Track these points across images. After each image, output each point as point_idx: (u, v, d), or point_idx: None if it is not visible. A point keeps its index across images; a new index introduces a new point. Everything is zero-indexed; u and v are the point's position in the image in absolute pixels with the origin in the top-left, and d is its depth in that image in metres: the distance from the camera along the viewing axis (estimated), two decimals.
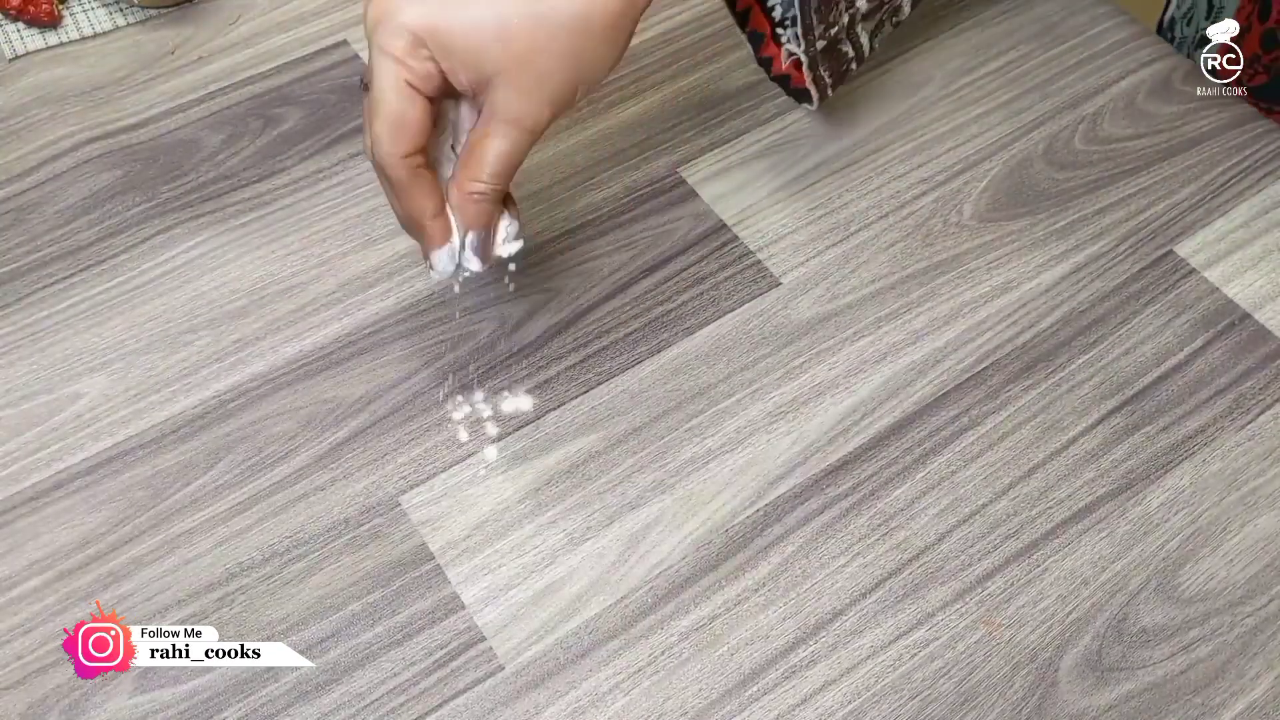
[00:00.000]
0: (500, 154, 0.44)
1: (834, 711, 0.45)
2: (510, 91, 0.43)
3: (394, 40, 0.41)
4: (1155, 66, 0.66)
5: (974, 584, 0.49)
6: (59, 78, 0.65)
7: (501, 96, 0.43)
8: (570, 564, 0.49)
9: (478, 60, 0.42)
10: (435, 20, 0.41)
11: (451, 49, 0.42)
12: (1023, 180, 0.61)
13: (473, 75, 0.42)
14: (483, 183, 0.44)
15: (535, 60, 0.43)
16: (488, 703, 0.45)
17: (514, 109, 0.43)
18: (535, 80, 0.43)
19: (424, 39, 0.42)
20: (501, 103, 0.43)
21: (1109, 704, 0.46)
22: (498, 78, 0.42)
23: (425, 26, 0.41)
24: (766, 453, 0.52)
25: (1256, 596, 0.48)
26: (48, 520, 0.49)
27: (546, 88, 0.43)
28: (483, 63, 0.42)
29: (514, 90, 0.43)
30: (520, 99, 0.43)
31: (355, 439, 0.52)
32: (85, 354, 0.54)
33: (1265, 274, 0.58)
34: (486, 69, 0.42)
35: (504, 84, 0.43)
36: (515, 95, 0.43)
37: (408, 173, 0.43)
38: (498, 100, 0.43)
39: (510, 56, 0.42)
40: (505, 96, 0.43)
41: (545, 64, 0.43)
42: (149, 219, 0.59)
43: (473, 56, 0.42)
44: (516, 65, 0.42)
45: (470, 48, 0.42)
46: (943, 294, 0.57)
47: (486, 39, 0.42)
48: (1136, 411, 0.53)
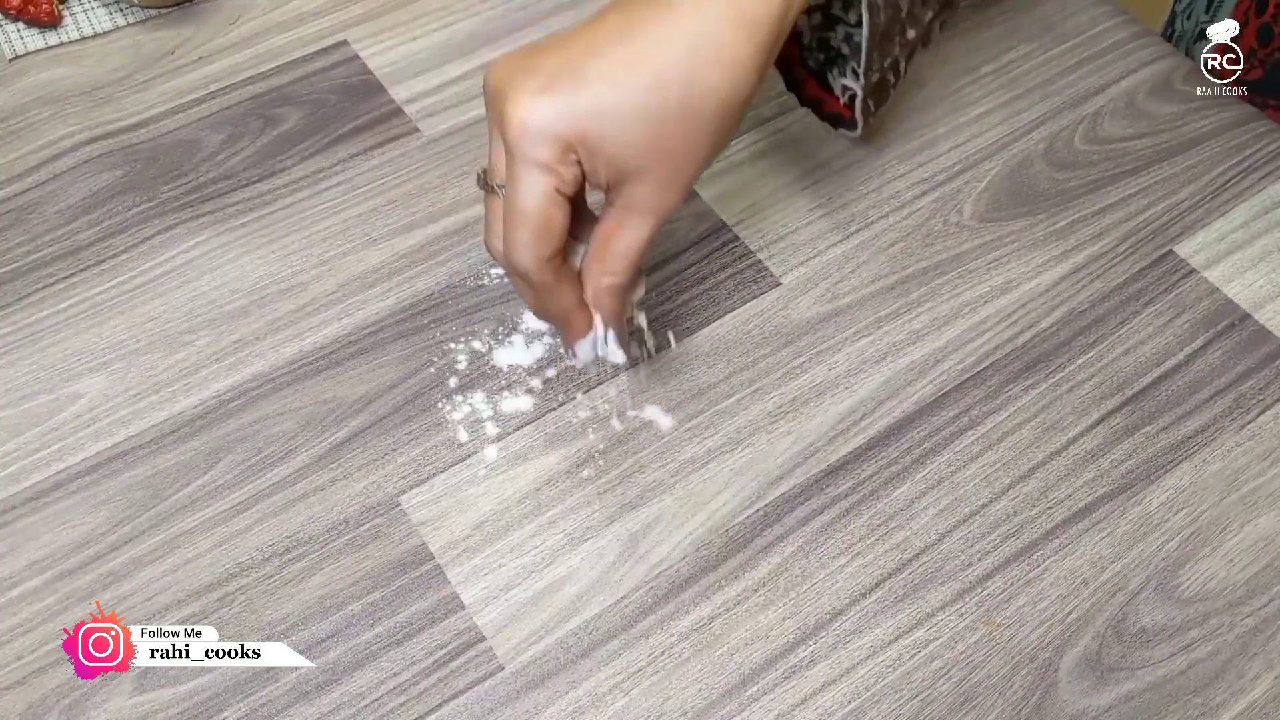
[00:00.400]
0: (638, 245, 0.43)
1: (834, 711, 0.46)
2: (653, 186, 0.42)
3: (543, 149, 0.40)
4: (1155, 66, 0.66)
5: (974, 584, 0.49)
6: (59, 78, 0.65)
7: (642, 190, 0.42)
8: (570, 564, 0.49)
9: (624, 160, 0.41)
10: (586, 127, 0.40)
11: (601, 152, 0.41)
12: (1023, 180, 0.61)
13: (615, 173, 0.42)
14: (620, 275, 0.44)
15: (683, 154, 0.42)
16: (488, 703, 0.45)
17: (654, 201, 0.42)
18: (679, 172, 0.42)
19: (574, 145, 0.41)
20: (641, 196, 0.42)
21: (1109, 704, 0.46)
22: (642, 173, 0.42)
23: (576, 133, 0.40)
24: (766, 453, 0.52)
25: (1256, 596, 0.48)
26: (48, 520, 0.49)
27: (686, 176, 0.43)
28: (629, 161, 0.41)
29: (657, 184, 0.42)
30: (661, 192, 0.42)
31: (355, 439, 0.52)
32: (85, 354, 0.54)
33: (1265, 274, 0.58)
34: (631, 166, 0.41)
35: (647, 179, 0.42)
36: (657, 189, 0.42)
37: (553, 275, 0.43)
38: (637, 194, 0.42)
39: (660, 155, 0.41)
40: (646, 191, 0.42)
41: (692, 156, 0.42)
42: (149, 219, 0.59)
43: (621, 158, 0.41)
44: (664, 161, 0.42)
45: (620, 152, 0.41)
46: (943, 294, 0.57)
47: (639, 141, 0.41)
48: (1136, 411, 0.53)
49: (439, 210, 0.60)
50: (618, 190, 0.42)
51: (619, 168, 0.41)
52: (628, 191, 0.42)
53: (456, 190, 0.60)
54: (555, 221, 0.41)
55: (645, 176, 0.42)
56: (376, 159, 0.62)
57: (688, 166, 0.42)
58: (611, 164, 0.41)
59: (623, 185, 0.42)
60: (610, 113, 0.40)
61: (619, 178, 0.42)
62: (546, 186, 0.41)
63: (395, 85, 0.65)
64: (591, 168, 0.41)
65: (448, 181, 0.61)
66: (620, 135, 0.40)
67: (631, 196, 0.42)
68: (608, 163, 0.41)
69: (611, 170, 0.41)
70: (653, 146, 0.41)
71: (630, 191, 0.42)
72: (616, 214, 0.43)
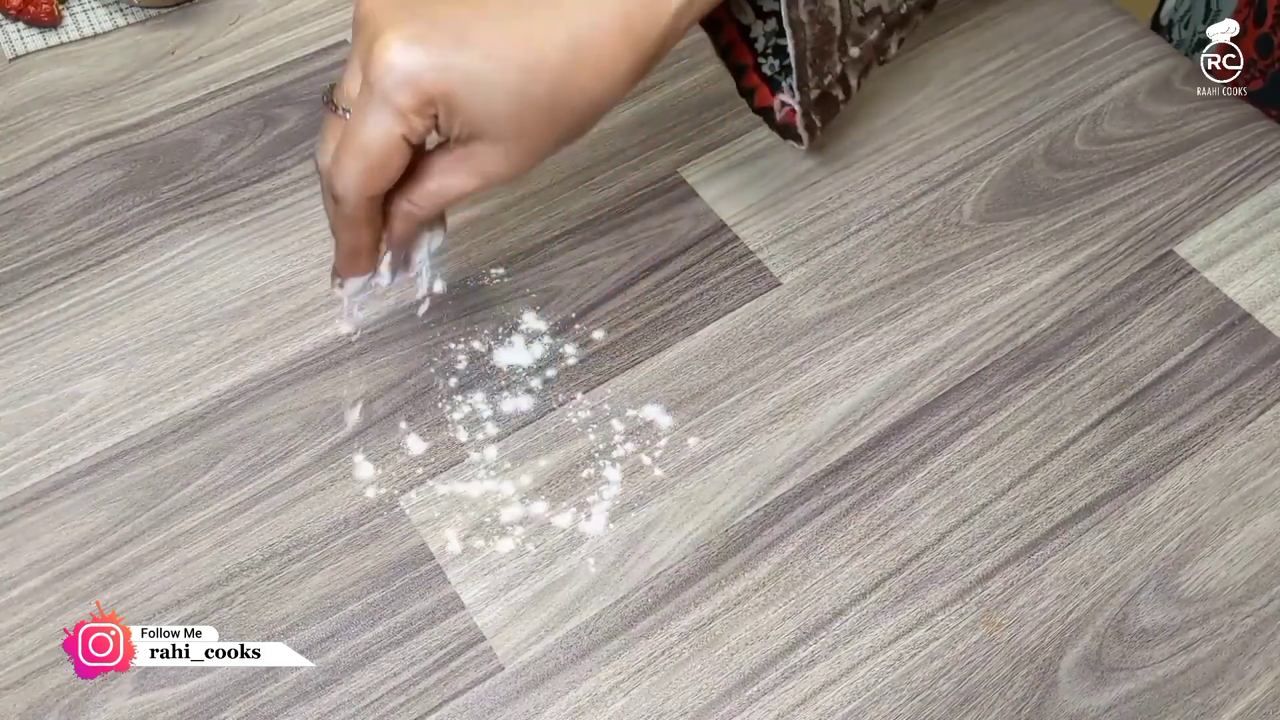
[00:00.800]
0: (455, 194, 0.43)
1: (834, 711, 0.45)
2: (499, 154, 0.42)
3: (403, 96, 0.40)
4: (1155, 66, 0.66)
5: (974, 584, 0.49)
6: (59, 78, 0.65)
7: (486, 153, 0.42)
8: (570, 564, 0.49)
9: (480, 125, 0.41)
10: (453, 87, 0.40)
11: (459, 113, 0.41)
12: (1023, 180, 0.61)
13: (466, 132, 0.42)
14: (423, 211, 0.44)
15: (538, 138, 0.42)
16: (488, 703, 0.45)
17: (493, 167, 0.43)
18: (527, 152, 0.43)
19: (435, 100, 0.40)
20: (482, 157, 0.42)
21: (1109, 704, 0.46)
22: (493, 140, 0.42)
23: (441, 90, 0.40)
24: (766, 453, 0.52)
25: (1256, 596, 0.48)
26: (48, 520, 0.49)
27: (533, 157, 0.43)
28: (484, 127, 0.41)
29: (503, 154, 0.42)
30: (505, 160, 0.43)
31: (355, 439, 0.52)
32: (85, 354, 0.54)
33: (1265, 274, 0.58)
34: (484, 131, 0.42)
35: (497, 146, 0.42)
36: (502, 157, 0.42)
37: (367, 211, 0.43)
38: (478, 153, 0.42)
39: (516, 132, 0.42)
40: (491, 155, 0.42)
41: (546, 141, 0.43)
42: (149, 219, 0.59)
43: (477, 123, 0.41)
44: (518, 138, 0.42)
45: (478, 118, 0.41)
46: (943, 294, 0.57)
47: (499, 114, 0.41)
48: (1136, 411, 0.53)
49: None
50: (462, 144, 0.42)
51: (472, 130, 0.41)
52: (472, 148, 0.42)
53: None
54: (392, 165, 0.41)
55: (495, 144, 0.42)
56: None
57: (538, 149, 0.43)
58: (466, 125, 0.41)
59: (470, 142, 0.42)
60: (480, 81, 0.40)
61: (468, 137, 0.42)
62: (394, 131, 0.40)
63: None
64: (446, 123, 0.41)
65: None
66: (483, 105, 0.40)
67: (472, 153, 0.42)
68: (463, 123, 0.41)
69: (463, 129, 0.41)
70: (511, 122, 0.41)
71: (474, 149, 0.42)
72: (450, 160, 0.43)
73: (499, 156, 0.42)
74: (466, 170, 0.43)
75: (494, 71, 0.40)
